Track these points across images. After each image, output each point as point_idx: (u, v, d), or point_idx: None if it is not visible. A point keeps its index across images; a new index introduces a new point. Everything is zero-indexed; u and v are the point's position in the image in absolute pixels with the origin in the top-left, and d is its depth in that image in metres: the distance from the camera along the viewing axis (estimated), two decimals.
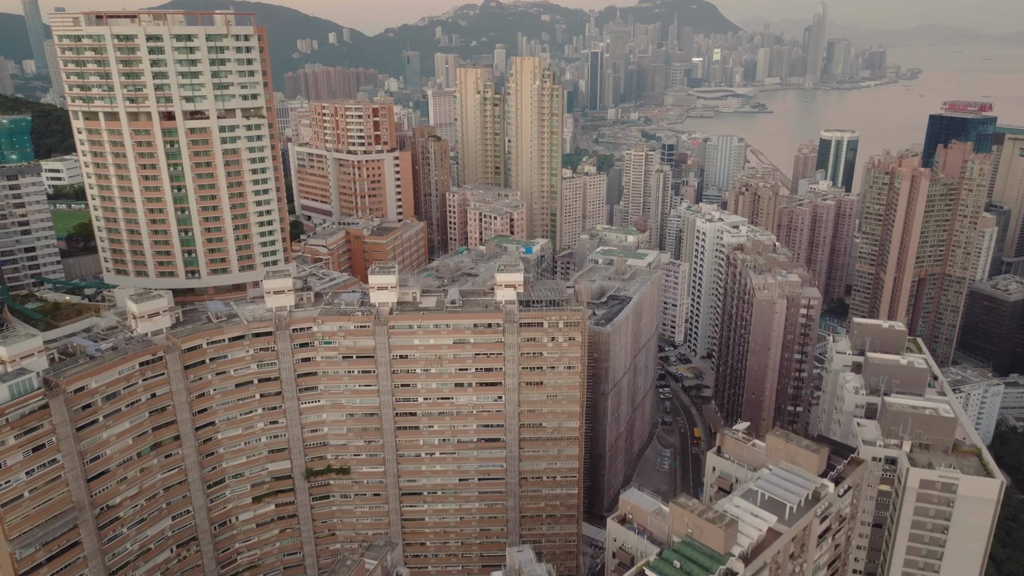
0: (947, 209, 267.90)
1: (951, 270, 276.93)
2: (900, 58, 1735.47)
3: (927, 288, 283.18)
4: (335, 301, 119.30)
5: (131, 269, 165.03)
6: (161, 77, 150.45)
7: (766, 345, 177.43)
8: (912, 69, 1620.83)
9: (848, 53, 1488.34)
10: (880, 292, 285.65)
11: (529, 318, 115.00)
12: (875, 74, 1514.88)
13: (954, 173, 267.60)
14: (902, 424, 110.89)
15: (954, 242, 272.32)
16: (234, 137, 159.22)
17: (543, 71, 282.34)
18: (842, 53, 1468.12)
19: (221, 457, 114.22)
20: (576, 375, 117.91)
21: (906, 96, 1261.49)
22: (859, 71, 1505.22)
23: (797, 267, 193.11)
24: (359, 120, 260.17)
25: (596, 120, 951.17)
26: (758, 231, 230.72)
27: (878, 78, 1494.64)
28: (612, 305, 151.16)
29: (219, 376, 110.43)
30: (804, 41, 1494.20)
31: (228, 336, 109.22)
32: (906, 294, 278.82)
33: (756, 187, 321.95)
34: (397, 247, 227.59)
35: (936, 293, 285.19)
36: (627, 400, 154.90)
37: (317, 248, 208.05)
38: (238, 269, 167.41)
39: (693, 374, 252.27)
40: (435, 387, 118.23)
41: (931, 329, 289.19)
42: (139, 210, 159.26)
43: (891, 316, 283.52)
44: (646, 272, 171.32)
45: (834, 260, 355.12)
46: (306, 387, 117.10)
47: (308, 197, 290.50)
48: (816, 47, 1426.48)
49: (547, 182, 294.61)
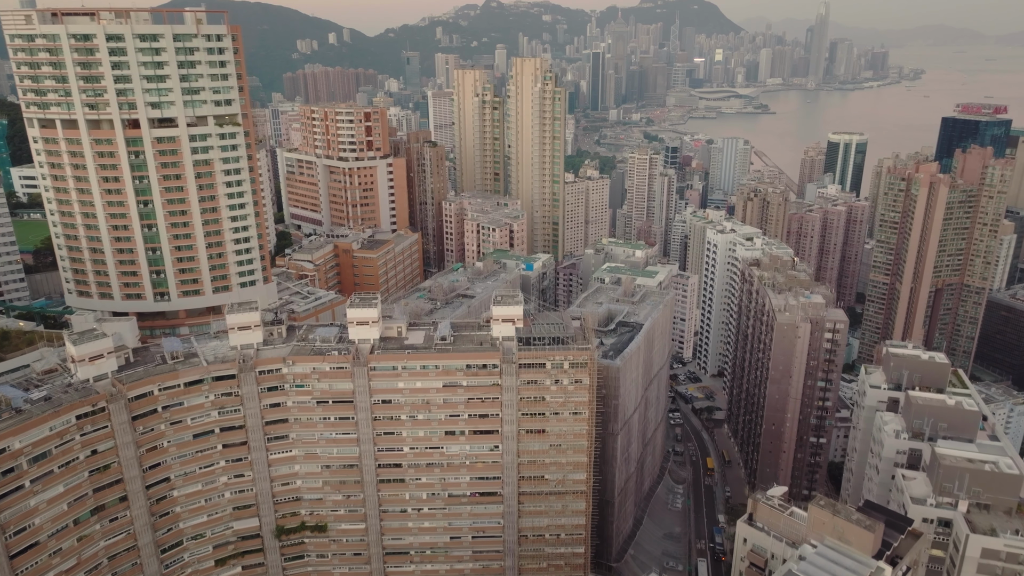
0: (966, 217, 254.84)
1: (969, 280, 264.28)
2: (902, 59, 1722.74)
3: (944, 299, 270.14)
4: (310, 337, 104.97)
5: (94, 291, 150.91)
6: (124, 81, 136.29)
7: (787, 372, 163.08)
8: (915, 70, 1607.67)
9: (851, 53, 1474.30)
10: (895, 303, 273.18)
11: (530, 358, 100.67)
12: (878, 75, 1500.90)
13: (973, 179, 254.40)
14: (957, 481, 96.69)
15: (973, 251, 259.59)
16: (206, 147, 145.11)
17: (544, 73, 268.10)
18: (844, 53, 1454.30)
19: (178, 517, 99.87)
20: (583, 421, 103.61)
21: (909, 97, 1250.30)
22: (861, 72, 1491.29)
23: (819, 286, 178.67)
24: (350, 125, 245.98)
25: (597, 121, 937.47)
26: (773, 244, 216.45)
27: (881, 79, 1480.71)
28: (621, 333, 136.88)
29: (174, 426, 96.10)
30: (806, 41, 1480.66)
31: (184, 381, 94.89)
32: (923, 305, 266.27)
33: (765, 193, 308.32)
34: (389, 261, 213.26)
35: (954, 304, 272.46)
36: (638, 438, 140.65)
37: (302, 263, 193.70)
38: (212, 291, 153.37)
39: (704, 394, 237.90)
40: (423, 435, 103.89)
41: (948, 341, 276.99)
42: (102, 227, 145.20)
43: (907, 328, 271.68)
44: (657, 294, 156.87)
45: (844, 267, 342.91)
46: (276, 436, 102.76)
47: (297, 205, 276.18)
48: (819, 47, 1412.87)
49: (549, 189, 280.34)
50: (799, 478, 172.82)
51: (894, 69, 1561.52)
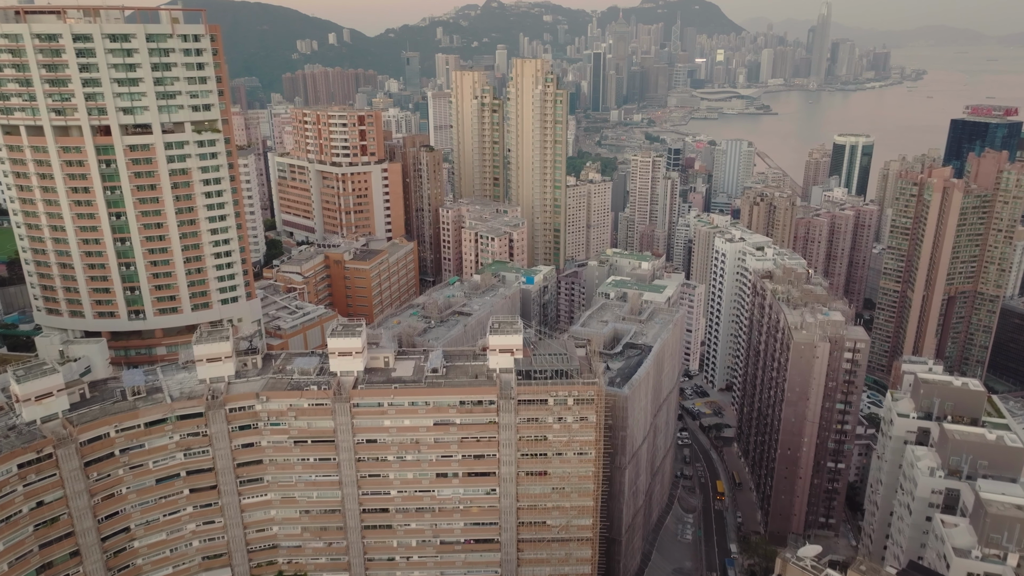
0: (980, 223, 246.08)
1: (983, 288, 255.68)
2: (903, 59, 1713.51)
3: (957, 307, 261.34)
4: (287, 368, 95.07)
5: (64, 309, 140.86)
6: (93, 85, 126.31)
7: (804, 394, 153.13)
8: (916, 70, 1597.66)
9: (852, 54, 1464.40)
10: (907, 311, 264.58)
11: (530, 393, 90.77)
12: (879, 75, 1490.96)
13: (987, 184, 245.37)
14: (1007, 531, 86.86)
15: (987, 258, 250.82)
16: (183, 155, 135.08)
17: (546, 74, 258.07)
18: (846, 54, 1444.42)
19: (139, 570, 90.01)
20: (589, 463, 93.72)
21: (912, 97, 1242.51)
22: (863, 72, 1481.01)
23: (836, 300, 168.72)
24: (343, 129, 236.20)
25: (599, 122, 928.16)
26: (785, 254, 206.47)
27: (883, 79, 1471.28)
28: (629, 355, 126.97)
29: (134, 471, 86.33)
30: (808, 42, 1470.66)
31: (145, 420, 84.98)
32: (935, 314, 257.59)
33: (772, 197, 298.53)
34: (383, 272, 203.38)
35: (967, 312, 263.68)
36: (646, 469, 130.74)
37: (290, 276, 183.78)
38: (190, 308, 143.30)
39: (712, 410, 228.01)
40: (412, 477, 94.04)
41: (960, 350, 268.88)
42: (71, 241, 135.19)
43: (919, 337, 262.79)
44: (666, 311, 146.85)
45: (852, 272, 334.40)
46: (249, 479, 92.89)
47: (290, 212, 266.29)
48: (820, 48, 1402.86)
49: (550, 195, 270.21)
50: (816, 505, 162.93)
51: (896, 69, 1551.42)
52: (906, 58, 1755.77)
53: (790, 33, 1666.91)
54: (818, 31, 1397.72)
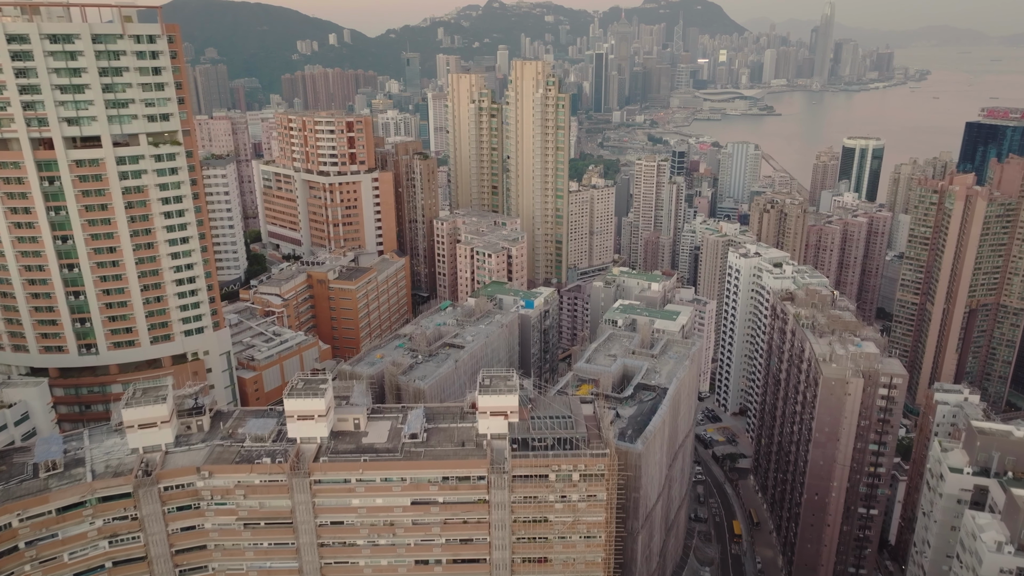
0: (1004, 232, 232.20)
1: (1007, 300, 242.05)
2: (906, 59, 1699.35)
3: (978, 320, 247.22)
4: (239, 432, 79.76)
5: (6, 342, 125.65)
6: (32, 92, 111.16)
7: (834, 435, 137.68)
8: (920, 70, 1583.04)
9: (856, 54, 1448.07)
10: (926, 325, 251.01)
11: (528, 467, 75.44)
12: (883, 76, 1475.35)
13: (1011, 191, 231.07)
14: None
15: (1011, 269, 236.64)
16: (138, 171, 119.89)
17: (547, 77, 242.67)
18: (850, 54, 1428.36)
19: None
20: (598, 547, 78.27)
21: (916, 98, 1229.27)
22: (867, 73, 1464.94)
23: (866, 327, 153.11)
24: (330, 135, 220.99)
25: (601, 123, 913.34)
26: (805, 271, 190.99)
27: (886, 80, 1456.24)
28: (641, 399, 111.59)
29: (45, 565, 70.85)
30: (811, 42, 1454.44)
31: (57, 506, 69.55)
32: (957, 328, 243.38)
33: (783, 204, 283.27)
34: (371, 292, 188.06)
35: (989, 326, 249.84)
36: (660, 527, 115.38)
37: (268, 298, 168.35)
38: (149, 341, 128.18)
39: (725, 437, 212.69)
40: (386, 564, 78.65)
41: (982, 366, 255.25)
42: (11, 267, 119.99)
43: (939, 352, 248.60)
44: (680, 344, 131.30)
45: (865, 281, 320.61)
46: (190, 567, 77.57)
47: (276, 223, 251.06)
48: (823, 48, 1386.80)
49: (551, 205, 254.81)
50: (845, 554, 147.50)
51: (899, 70, 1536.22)
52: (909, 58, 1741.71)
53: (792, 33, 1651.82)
54: (821, 31, 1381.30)
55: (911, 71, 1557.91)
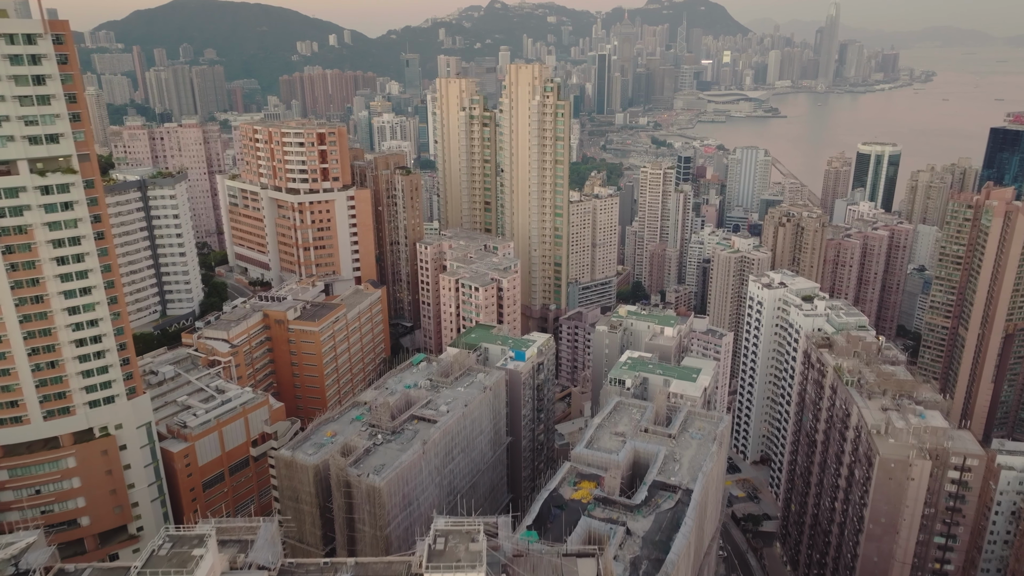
0: None
1: None
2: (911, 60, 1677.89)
3: (1015, 346, 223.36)
4: None
5: None
6: None
7: (893, 527, 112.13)
8: (926, 72, 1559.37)
9: (861, 55, 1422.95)
10: (959, 351, 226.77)
11: None
12: (888, 77, 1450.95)
13: None
14: None
15: None
16: (18, 207, 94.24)
17: (545, 82, 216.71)
18: (855, 55, 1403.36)
19: None
20: None
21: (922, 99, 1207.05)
22: (872, 74, 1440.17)
23: (925, 386, 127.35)
24: (300, 149, 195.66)
25: (603, 125, 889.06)
26: (841, 308, 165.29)
27: (891, 81, 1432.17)
28: (658, 507, 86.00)
29: None
30: (816, 43, 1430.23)
31: None
32: (993, 354, 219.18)
33: (799, 217, 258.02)
34: (338, 333, 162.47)
35: None
36: None
37: (214, 344, 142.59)
38: (42, 417, 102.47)
39: (746, 492, 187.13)
40: None
41: (1019, 394, 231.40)
42: None
43: (973, 380, 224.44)
44: (705, 419, 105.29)
45: (885, 298, 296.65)
46: None
47: (243, 244, 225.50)
48: (828, 49, 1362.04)
49: (550, 223, 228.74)
50: None
51: (904, 71, 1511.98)
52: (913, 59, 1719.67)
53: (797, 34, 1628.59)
54: (826, 32, 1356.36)
55: (916, 72, 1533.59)
